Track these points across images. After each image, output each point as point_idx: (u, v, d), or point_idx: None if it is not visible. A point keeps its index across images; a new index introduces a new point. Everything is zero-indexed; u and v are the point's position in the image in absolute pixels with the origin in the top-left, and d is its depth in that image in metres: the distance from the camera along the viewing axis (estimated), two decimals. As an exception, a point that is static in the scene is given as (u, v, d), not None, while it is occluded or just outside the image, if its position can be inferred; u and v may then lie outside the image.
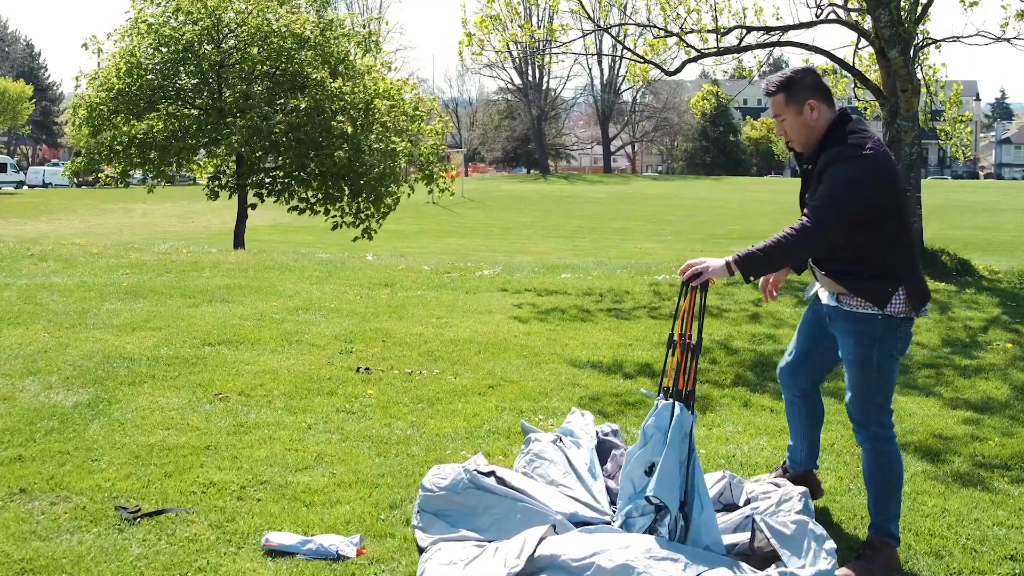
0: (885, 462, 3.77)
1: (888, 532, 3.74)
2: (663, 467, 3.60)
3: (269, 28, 19.54)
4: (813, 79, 3.80)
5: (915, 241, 3.84)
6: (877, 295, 3.65)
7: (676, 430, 3.63)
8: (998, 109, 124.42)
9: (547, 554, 3.42)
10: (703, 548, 3.56)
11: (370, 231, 20.45)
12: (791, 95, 3.75)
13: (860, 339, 3.70)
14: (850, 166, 3.58)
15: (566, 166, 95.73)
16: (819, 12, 13.08)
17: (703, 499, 3.63)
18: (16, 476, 4.39)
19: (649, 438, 3.69)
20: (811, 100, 3.74)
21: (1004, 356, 7.39)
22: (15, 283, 9.44)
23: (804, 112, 3.75)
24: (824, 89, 3.80)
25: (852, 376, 3.76)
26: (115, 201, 43.50)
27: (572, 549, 3.42)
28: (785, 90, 3.77)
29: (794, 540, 3.57)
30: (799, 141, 3.82)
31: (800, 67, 3.91)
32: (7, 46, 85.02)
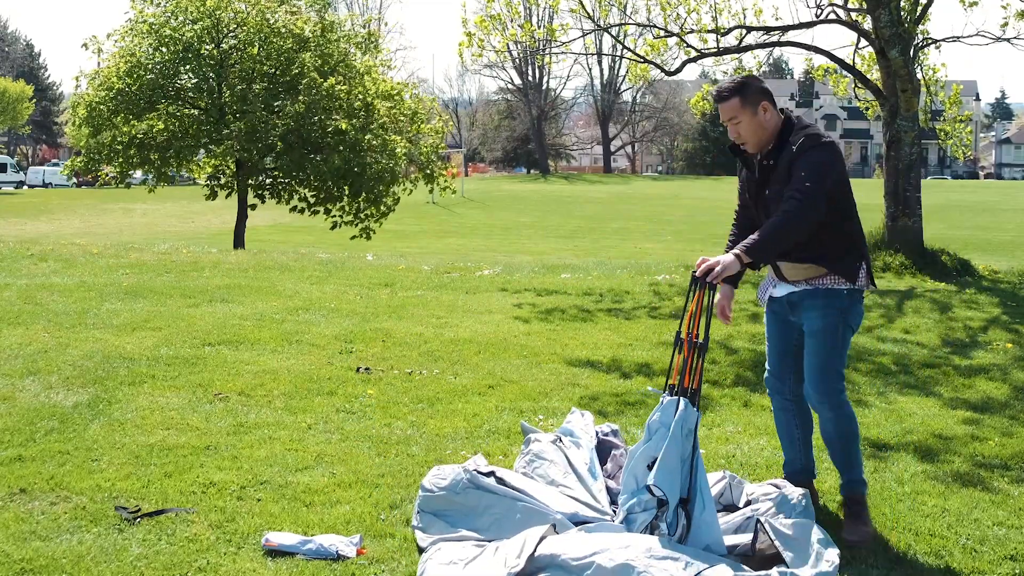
0: (848, 422, 4.07)
1: (862, 482, 4.10)
2: (664, 459, 3.60)
3: (269, 28, 19.54)
4: (760, 83, 4.03)
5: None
6: (848, 271, 3.98)
7: (679, 425, 3.64)
8: (998, 109, 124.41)
9: (547, 553, 3.42)
10: (704, 548, 3.56)
11: (369, 231, 20.44)
12: (746, 98, 3.95)
13: (829, 311, 3.99)
14: (821, 151, 3.88)
15: (566, 166, 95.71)
16: (819, 12, 13.08)
17: (705, 498, 3.63)
18: (16, 476, 4.39)
19: (653, 433, 3.70)
20: (763, 102, 3.97)
21: (1004, 356, 7.39)
22: (15, 283, 9.44)
23: (759, 113, 3.96)
24: (770, 93, 4.04)
25: (818, 347, 4.00)
26: (115, 201, 43.50)
27: (572, 548, 3.42)
28: (739, 94, 3.95)
29: (797, 542, 3.57)
30: (754, 141, 4.00)
31: (740, 75, 4.18)
32: (7, 46, 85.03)
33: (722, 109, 3.99)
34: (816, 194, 3.80)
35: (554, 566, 3.38)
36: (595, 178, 74.00)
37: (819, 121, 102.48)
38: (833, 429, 4.06)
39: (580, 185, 63.52)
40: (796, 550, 3.54)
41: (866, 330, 8.27)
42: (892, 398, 6.15)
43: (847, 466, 4.10)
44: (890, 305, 9.55)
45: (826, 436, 4.11)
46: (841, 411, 4.04)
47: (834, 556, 3.52)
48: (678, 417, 3.65)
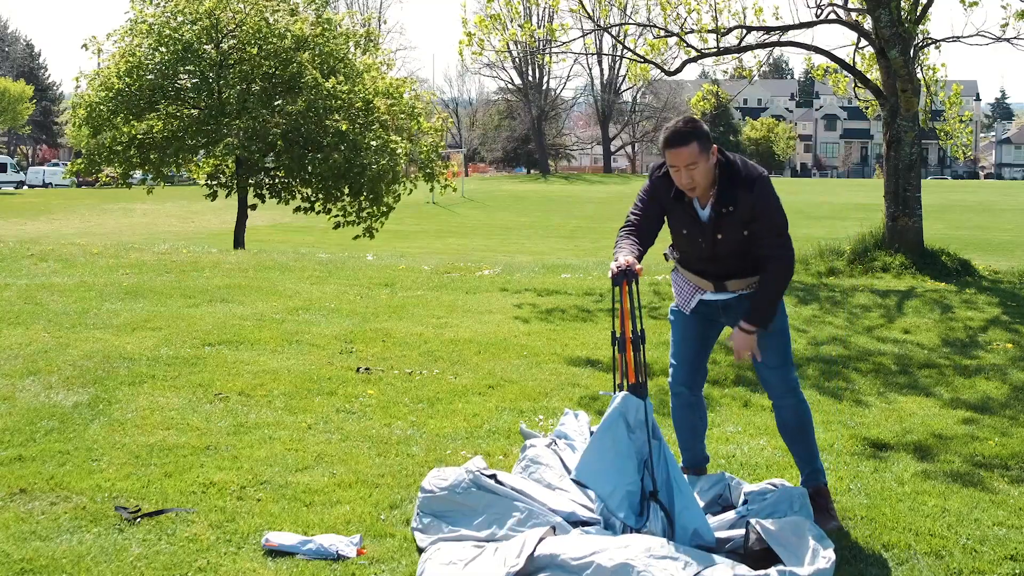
0: (807, 410, 4.25)
1: (823, 471, 4.24)
2: (587, 450, 3.71)
3: (268, 28, 19.53)
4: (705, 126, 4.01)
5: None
6: None
7: (613, 414, 3.72)
8: (998, 109, 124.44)
9: (547, 553, 3.42)
10: (692, 532, 3.59)
11: (372, 230, 20.45)
12: (703, 143, 3.90)
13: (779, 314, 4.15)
14: (768, 188, 3.98)
15: (566, 166, 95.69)
16: (819, 12, 13.07)
17: (680, 486, 3.68)
18: (16, 476, 4.39)
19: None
20: (712, 146, 3.95)
21: (1004, 356, 7.39)
22: (15, 283, 9.44)
23: (710, 158, 3.94)
24: None
25: (779, 346, 4.17)
26: (115, 201, 43.50)
27: (571, 548, 3.42)
28: (698, 139, 3.89)
29: (791, 540, 3.58)
30: (705, 185, 3.98)
31: (686, 116, 4.10)
32: (7, 46, 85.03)
33: (678, 154, 3.90)
34: (788, 239, 4.01)
35: (554, 566, 3.38)
36: (595, 178, 73.97)
37: (819, 121, 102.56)
38: (795, 419, 4.20)
39: (580, 185, 63.51)
40: (790, 548, 3.54)
41: (866, 330, 8.28)
42: (892, 398, 6.15)
43: (809, 457, 4.22)
44: (890, 305, 9.55)
45: (788, 428, 4.23)
46: (802, 399, 4.23)
47: (831, 554, 3.53)
48: (613, 405, 3.72)
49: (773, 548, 3.54)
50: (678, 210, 4.09)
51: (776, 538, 3.57)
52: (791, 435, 4.25)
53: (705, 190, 3.99)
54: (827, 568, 3.46)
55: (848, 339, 7.86)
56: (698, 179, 3.94)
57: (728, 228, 3.99)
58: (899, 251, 12.13)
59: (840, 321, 8.70)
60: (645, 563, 3.32)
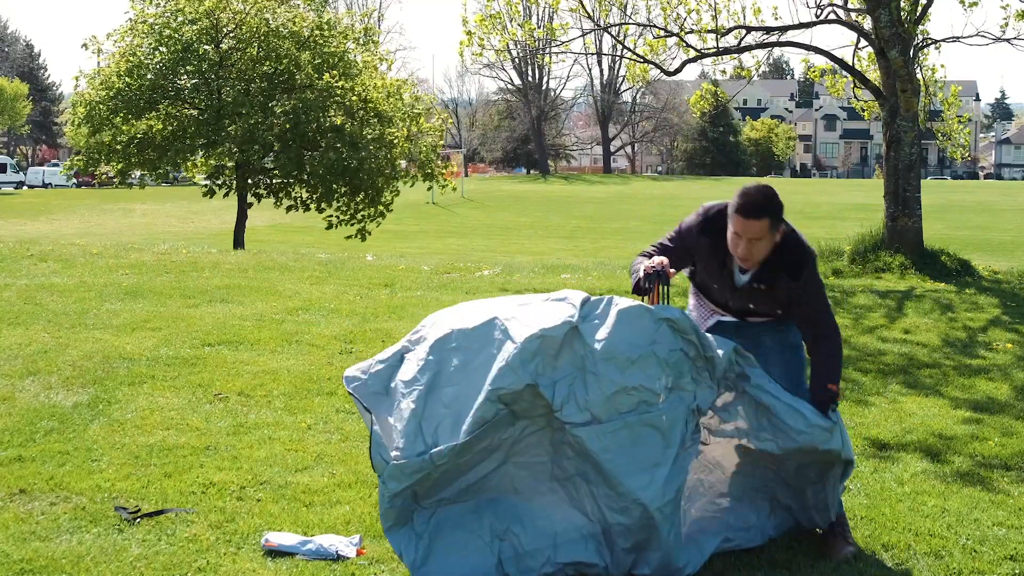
0: None
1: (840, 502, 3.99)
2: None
3: (268, 28, 19.54)
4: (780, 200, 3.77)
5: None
6: None
7: None
8: (998, 109, 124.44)
9: None
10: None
11: (365, 232, 20.40)
12: (775, 221, 3.70)
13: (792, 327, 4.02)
14: (812, 276, 3.82)
15: (566, 166, 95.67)
16: (819, 12, 13.07)
17: None
18: (16, 476, 4.38)
19: None
20: (782, 225, 3.74)
21: (1004, 356, 7.39)
22: (15, 283, 9.43)
23: (776, 236, 3.74)
24: None
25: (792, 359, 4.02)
26: (115, 201, 43.49)
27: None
28: (772, 216, 3.68)
29: None
30: (757, 261, 3.77)
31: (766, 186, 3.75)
32: (7, 46, 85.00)
33: (748, 225, 3.65)
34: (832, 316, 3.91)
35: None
36: (595, 178, 73.96)
37: (819, 121, 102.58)
38: None
39: (580, 185, 63.51)
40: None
41: (867, 330, 8.28)
42: (892, 398, 6.15)
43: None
44: (890, 305, 9.55)
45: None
46: None
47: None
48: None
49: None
50: (714, 265, 3.88)
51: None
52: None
53: (756, 264, 3.78)
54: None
55: (849, 339, 7.85)
56: (756, 255, 3.72)
57: (761, 302, 3.86)
58: (899, 251, 12.13)
59: (840, 321, 8.68)
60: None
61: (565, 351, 3.52)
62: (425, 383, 3.52)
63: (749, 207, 3.65)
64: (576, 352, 3.53)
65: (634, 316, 3.59)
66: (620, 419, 3.50)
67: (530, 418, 3.54)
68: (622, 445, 3.50)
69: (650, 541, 3.52)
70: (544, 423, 3.58)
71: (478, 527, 3.59)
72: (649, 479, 3.48)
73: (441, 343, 3.60)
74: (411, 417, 3.48)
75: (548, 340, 3.48)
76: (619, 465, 3.48)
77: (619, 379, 3.49)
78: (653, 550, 3.53)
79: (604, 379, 3.49)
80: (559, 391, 3.49)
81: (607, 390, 3.49)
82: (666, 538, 3.50)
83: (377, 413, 3.58)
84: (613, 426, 3.50)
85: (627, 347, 3.53)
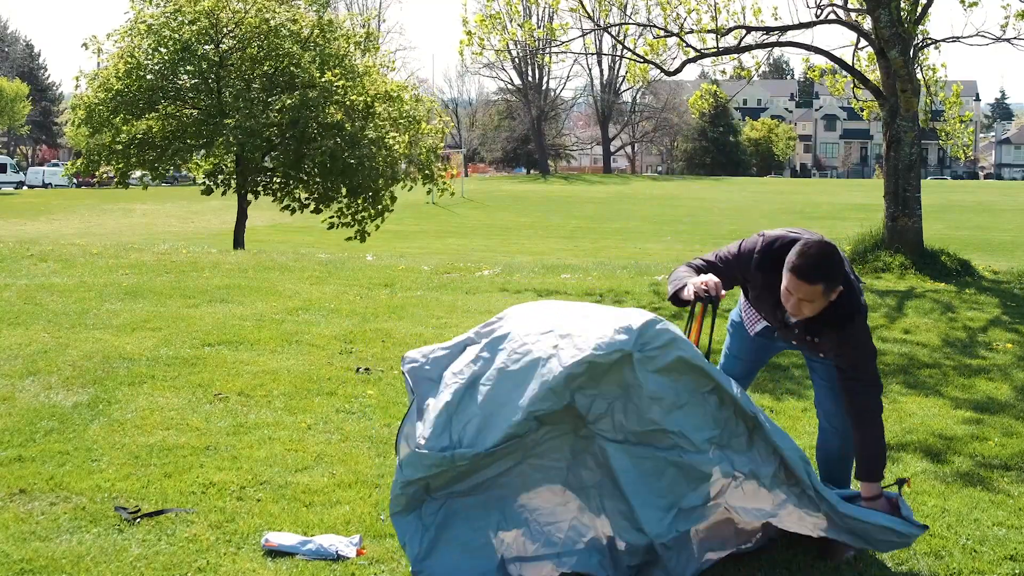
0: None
1: None
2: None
3: (268, 28, 19.55)
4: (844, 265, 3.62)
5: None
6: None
7: None
8: (998, 109, 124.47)
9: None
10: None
11: (364, 233, 20.40)
12: (828, 287, 3.54)
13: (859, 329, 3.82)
14: (859, 331, 3.68)
15: (566, 166, 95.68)
16: (819, 12, 13.07)
17: None
18: (16, 476, 4.38)
19: None
20: (839, 287, 3.58)
21: (1005, 356, 7.39)
22: (15, 283, 9.43)
23: (831, 297, 3.59)
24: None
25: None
26: (115, 201, 43.50)
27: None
28: (827, 283, 3.52)
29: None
30: (807, 315, 3.64)
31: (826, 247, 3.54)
32: (7, 46, 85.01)
33: (800, 287, 3.51)
34: (876, 372, 3.74)
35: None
36: (595, 178, 73.96)
37: (819, 121, 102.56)
38: (839, 447, 3.97)
39: (580, 185, 63.51)
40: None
41: (866, 330, 8.27)
42: (893, 398, 6.15)
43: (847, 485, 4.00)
44: (891, 305, 9.55)
45: (831, 455, 4.01)
46: None
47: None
48: None
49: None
50: (767, 302, 3.77)
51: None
52: (831, 463, 4.00)
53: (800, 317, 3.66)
54: None
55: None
56: (806, 312, 3.59)
57: (806, 347, 3.80)
58: (899, 251, 12.13)
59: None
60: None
61: (612, 374, 3.44)
62: (468, 377, 3.49)
63: (805, 270, 3.49)
64: (624, 378, 3.44)
65: (692, 366, 3.47)
66: (651, 449, 3.46)
67: (554, 424, 3.50)
68: (645, 473, 3.46)
69: (656, 562, 3.50)
70: (569, 429, 3.54)
71: (485, 524, 3.55)
72: (660, 516, 3.45)
73: (496, 342, 3.57)
74: (444, 409, 3.45)
75: (595, 367, 3.41)
76: (637, 492, 3.45)
77: (661, 420, 3.43)
78: (658, 569, 3.51)
79: (645, 416, 3.43)
80: (596, 406, 3.45)
81: (646, 426, 3.44)
82: (669, 562, 3.49)
83: (420, 397, 3.54)
84: (641, 452, 3.46)
85: (676, 393, 3.44)
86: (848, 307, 3.63)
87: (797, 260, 3.50)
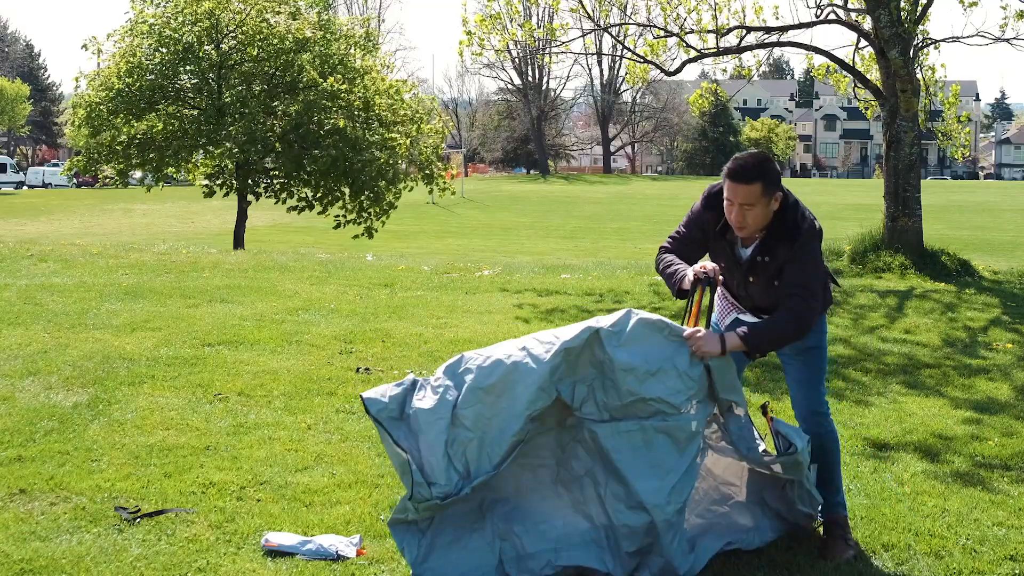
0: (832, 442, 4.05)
1: (843, 505, 4.02)
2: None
3: (268, 30, 19.54)
4: (776, 167, 3.73)
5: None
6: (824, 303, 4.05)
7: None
8: (998, 109, 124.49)
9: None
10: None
11: (372, 230, 20.44)
12: (768, 187, 3.63)
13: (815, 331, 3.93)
14: (808, 245, 3.72)
15: (566, 166, 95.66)
16: (819, 12, 13.08)
17: None
18: (16, 476, 4.38)
19: None
20: (778, 192, 3.67)
21: (1005, 356, 7.39)
22: (15, 283, 9.43)
23: (771, 204, 3.67)
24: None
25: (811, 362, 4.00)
26: (115, 201, 43.49)
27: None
28: (764, 181, 3.61)
29: None
30: (754, 229, 3.71)
31: (760, 152, 3.73)
32: (7, 46, 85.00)
33: (736, 190, 3.61)
34: (812, 294, 3.71)
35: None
36: (595, 178, 73.96)
37: (819, 121, 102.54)
38: (816, 446, 3.93)
39: (580, 185, 63.51)
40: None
41: (867, 330, 8.28)
42: (893, 398, 6.15)
43: (831, 488, 3.96)
44: (891, 305, 9.55)
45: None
46: (829, 428, 4.03)
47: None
48: None
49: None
50: (720, 243, 3.85)
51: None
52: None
53: (753, 232, 3.74)
54: None
55: (849, 339, 7.85)
56: (750, 221, 3.67)
57: (760, 275, 3.80)
58: (899, 251, 12.13)
59: (840, 321, 8.69)
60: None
61: (585, 354, 3.56)
62: (445, 410, 3.50)
63: (739, 171, 3.62)
64: (596, 356, 3.56)
65: (654, 330, 3.61)
66: (637, 422, 3.54)
67: (540, 421, 3.56)
68: (635, 447, 3.54)
69: (653, 546, 3.54)
70: (553, 424, 3.62)
71: (480, 526, 3.60)
72: (658, 485, 3.51)
73: (454, 370, 3.60)
74: (437, 446, 3.46)
75: (570, 352, 3.53)
76: (631, 466, 3.52)
77: (638, 390, 3.53)
78: (655, 555, 3.54)
79: (623, 388, 3.53)
80: (578, 392, 3.56)
81: (625, 399, 3.53)
82: (668, 544, 3.52)
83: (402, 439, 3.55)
84: (628, 426, 3.54)
85: (645, 360, 3.54)
86: (794, 219, 3.70)
87: (731, 165, 3.66)
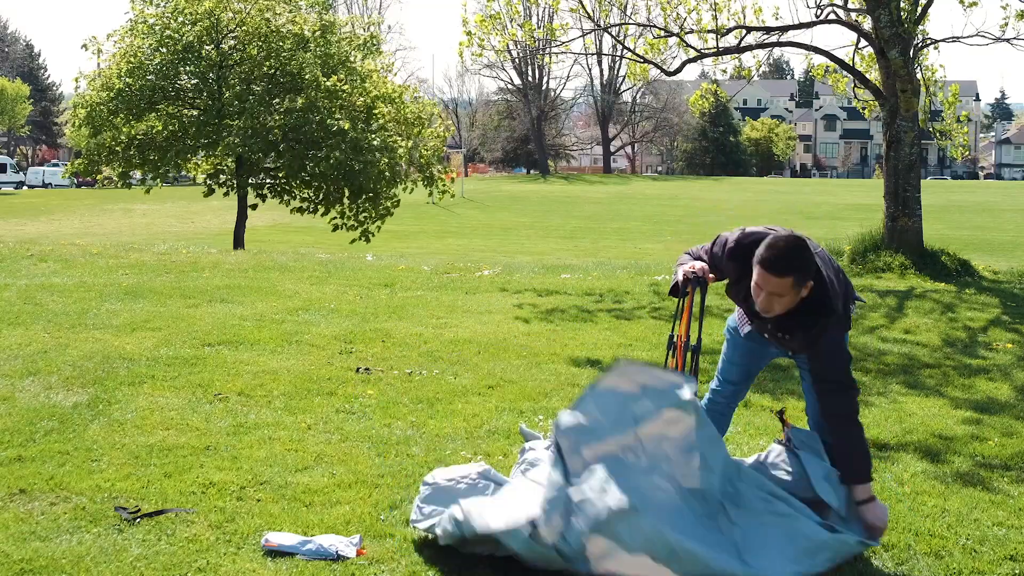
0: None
1: None
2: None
3: (269, 29, 19.54)
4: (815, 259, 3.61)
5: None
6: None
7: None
8: (998, 109, 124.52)
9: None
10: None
11: (368, 234, 20.43)
12: (799, 281, 3.54)
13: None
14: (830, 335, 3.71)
15: (566, 166, 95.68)
16: (819, 12, 13.08)
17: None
18: (16, 476, 4.38)
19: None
20: (811, 281, 3.59)
21: (1005, 356, 7.39)
22: (15, 283, 9.43)
23: (801, 292, 3.60)
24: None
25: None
26: (115, 201, 43.51)
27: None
28: (796, 276, 3.52)
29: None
30: (778, 312, 3.65)
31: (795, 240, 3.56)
32: (7, 46, 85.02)
33: (769, 280, 3.51)
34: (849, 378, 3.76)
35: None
36: (595, 178, 73.98)
37: (819, 121, 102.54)
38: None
39: (580, 185, 63.51)
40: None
41: (867, 330, 8.28)
42: (893, 398, 6.15)
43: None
44: (891, 305, 9.55)
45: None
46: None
47: None
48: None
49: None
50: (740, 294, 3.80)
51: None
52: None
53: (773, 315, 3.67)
54: None
55: (849, 339, 7.84)
56: (777, 308, 3.59)
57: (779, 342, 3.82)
58: (899, 251, 12.13)
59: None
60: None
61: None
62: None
63: (772, 262, 3.49)
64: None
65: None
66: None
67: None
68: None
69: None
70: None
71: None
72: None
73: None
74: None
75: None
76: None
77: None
78: None
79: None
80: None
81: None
82: None
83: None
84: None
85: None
86: (819, 305, 3.62)
87: (766, 253, 3.51)
